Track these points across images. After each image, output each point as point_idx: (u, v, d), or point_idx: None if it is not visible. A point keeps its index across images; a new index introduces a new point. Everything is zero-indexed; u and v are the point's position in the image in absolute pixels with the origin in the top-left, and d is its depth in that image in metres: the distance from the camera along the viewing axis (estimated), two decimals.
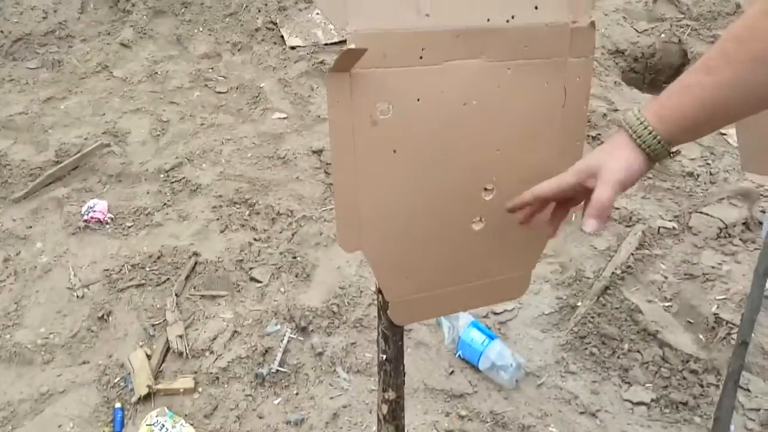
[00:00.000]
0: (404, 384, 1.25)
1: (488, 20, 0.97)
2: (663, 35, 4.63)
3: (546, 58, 1.01)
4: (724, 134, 3.53)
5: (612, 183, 0.85)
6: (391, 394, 1.23)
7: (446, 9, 0.95)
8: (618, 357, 2.31)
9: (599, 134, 3.51)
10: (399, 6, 0.93)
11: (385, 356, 1.18)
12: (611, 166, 0.86)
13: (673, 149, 0.86)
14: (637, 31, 4.67)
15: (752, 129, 1.41)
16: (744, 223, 2.88)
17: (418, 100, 0.96)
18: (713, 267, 2.65)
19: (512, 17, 0.98)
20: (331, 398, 2.19)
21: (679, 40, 4.57)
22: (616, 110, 3.77)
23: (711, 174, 3.21)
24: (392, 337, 1.16)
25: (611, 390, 2.20)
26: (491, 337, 2.27)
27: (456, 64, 0.97)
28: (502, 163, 1.04)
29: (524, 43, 0.99)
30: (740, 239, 2.81)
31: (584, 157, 0.91)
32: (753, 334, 2.22)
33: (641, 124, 0.85)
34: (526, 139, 1.04)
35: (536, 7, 0.99)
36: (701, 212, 2.95)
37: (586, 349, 2.35)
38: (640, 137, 0.84)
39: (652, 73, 4.61)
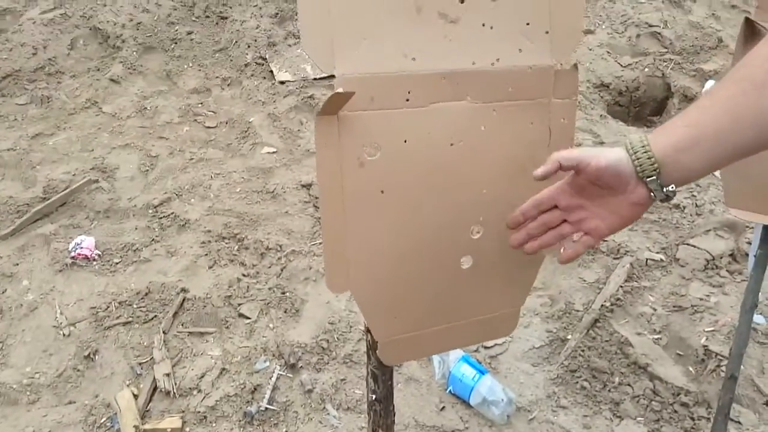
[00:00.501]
0: (394, 423, 1.24)
1: (473, 63, 0.99)
2: (647, 69, 4.71)
3: (530, 100, 1.03)
4: None
5: (590, 161, 0.86)
6: None
7: (432, 52, 0.97)
8: (609, 390, 2.30)
9: None
10: (385, 49, 0.94)
11: (374, 396, 1.18)
12: (600, 154, 0.86)
13: (670, 187, 0.85)
14: (621, 65, 4.75)
15: (735, 166, 1.43)
16: (731, 255, 2.90)
17: (405, 141, 0.97)
18: (701, 299, 2.66)
19: (497, 60, 1.00)
20: None
21: (663, 74, 4.65)
22: (602, 143, 3.82)
23: (697, 206, 3.25)
24: (381, 376, 1.15)
25: (603, 424, 2.19)
26: (482, 372, 2.26)
27: (442, 105, 0.98)
28: (489, 203, 1.05)
29: (509, 85, 1.01)
30: (727, 271, 2.83)
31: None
32: (742, 366, 2.23)
33: (640, 140, 0.85)
34: (512, 178, 1.05)
35: (520, 50, 1.01)
36: (688, 244, 2.97)
37: (577, 382, 2.34)
38: (632, 147, 0.85)
39: (636, 106, 4.68)
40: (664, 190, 0.85)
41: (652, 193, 0.85)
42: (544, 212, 0.95)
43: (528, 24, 1.01)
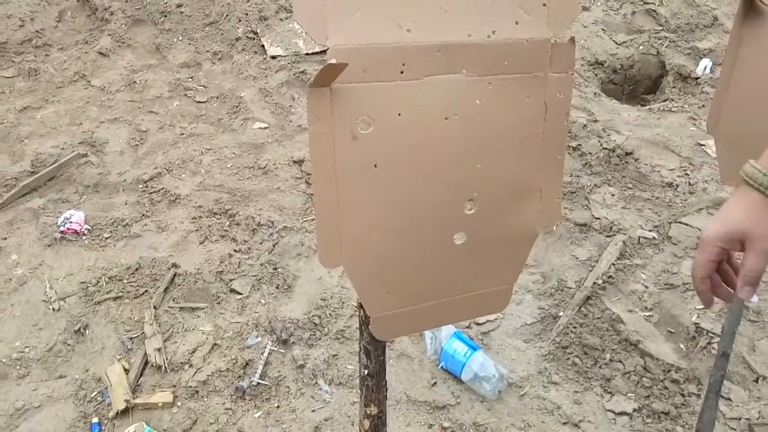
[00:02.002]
0: (386, 399, 1.23)
1: (469, 35, 0.97)
2: (641, 47, 4.67)
3: (526, 73, 1.01)
4: (703, 145, 3.57)
5: (763, 252, 0.88)
6: (373, 409, 1.22)
7: (427, 24, 0.95)
8: (600, 367, 2.31)
9: (579, 145, 3.53)
10: (379, 20, 0.92)
11: (366, 371, 1.17)
12: (759, 233, 0.88)
13: None
14: (616, 42, 4.71)
15: (731, 142, 1.42)
16: None
17: (399, 114, 0.95)
18: None
19: (493, 32, 0.98)
20: (313, 411, 2.17)
21: (658, 52, 4.62)
22: (596, 121, 3.80)
23: (690, 184, 3.24)
24: (374, 352, 1.15)
25: (593, 400, 2.20)
26: (474, 348, 2.27)
27: (437, 78, 0.97)
28: (484, 178, 1.03)
29: (505, 59, 0.99)
30: None
31: (719, 222, 0.93)
32: (734, 344, 2.24)
33: (765, 176, 0.88)
34: (507, 153, 1.04)
35: (517, 23, 0.99)
36: (681, 222, 2.97)
37: (569, 359, 2.35)
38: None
39: (630, 84, 4.66)
40: None
41: None
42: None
43: None
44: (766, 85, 1.38)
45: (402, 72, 0.94)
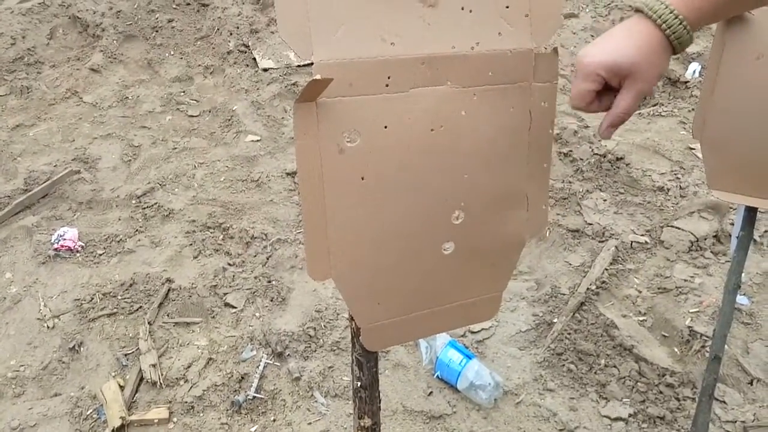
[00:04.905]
0: (380, 410, 1.24)
1: (453, 47, 0.98)
2: None
3: (511, 84, 1.02)
4: (693, 148, 3.60)
5: (639, 95, 0.84)
6: (367, 421, 1.22)
7: (411, 37, 0.96)
8: (595, 373, 2.31)
9: (571, 151, 3.55)
10: (363, 35, 0.93)
11: (359, 383, 1.17)
12: (643, 73, 0.83)
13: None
14: None
15: (717, 147, 1.43)
16: (715, 236, 2.93)
17: (386, 127, 0.96)
18: (686, 280, 2.68)
19: (477, 44, 0.99)
20: (309, 423, 2.17)
21: None
22: (586, 126, 3.82)
23: (681, 188, 3.26)
24: (366, 363, 1.15)
25: (589, 406, 2.20)
26: (469, 357, 2.27)
27: (422, 90, 0.97)
28: (471, 187, 1.04)
29: (489, 69, 1.00)
30: (711, 252, 2.85)
31: (607, 51, 0.85)
32: (727, 346, 2.25)
33: (666, 8, 0.81)
34: (494, 163, 1.05)
35: (500, 34, 1.00)
36: (672, 226, 2.99)
37: (564, 365, 2.35)
38: (666, 22, 0.81)
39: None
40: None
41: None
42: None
43: (507, 7, 1.00)
44: (751, 89, 1.39)
45: (387, 85, 0.95)
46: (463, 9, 0.98)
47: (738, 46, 1.41)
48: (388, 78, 0.95)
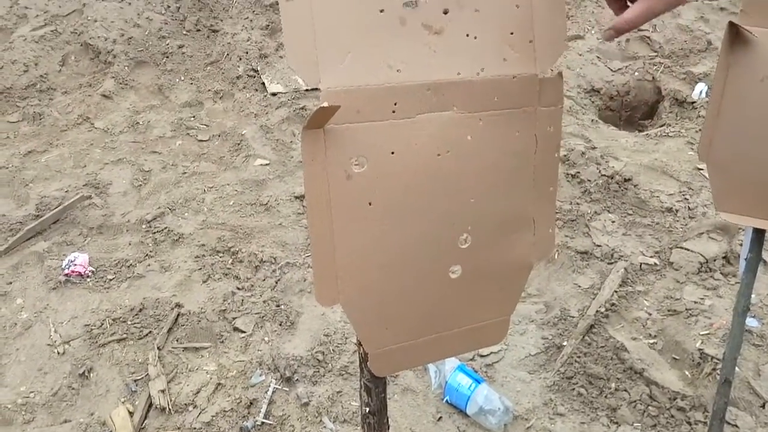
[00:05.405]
0: None
1: (459, 73, 0.99)
2: (637, 73, 4.72)
3: (516, 108, 1.03)
4: (701, 169, 3.59)
5: (647, 11, 0.91)
6: None
7: (417, 64, 0.97)
8: (605, 396, 2.29)
9: (578, 172, 3.55)
10: (370, 62, 0.95)
11: (368, 409, 1.17)
12: None
13: None
14: (611, 70, 4.76)
15: (724, 169, 1.44)
16: (724, 257, 2.91)
17: (393, 152, 0.97)
18: (696, 302, 2.66)
19: (482, 70, 1.00)
20: None
21: (653, 78, 4.67)
22: (594, 147, 3.82)
23: (689, 209, 3.25)
24: (375, 388, 1.15)
25: (600, 431, 2.18)
26: (478, 381, 2.26)
27: (428, 116, 0.99)
28: (477, 212, 1.05)
29: (494, 95, 1.01)
30: (721, 273, 2.84)
31: None
32: (738, 369, 2.23)
33: None
34: (500, 187, 1.05)
35: (505, 59, 1.01)
36: (682, 247, 2.98)
37: (574, 389, 2.33)
38: None
39: (627, 110, 4.70)
40: None
41: None
42: None
43: (512, 33, 1.01)
44: (756, 111, 1.40)
45: (394, 111, 0.96)
46: (468, 36, 1.00)
47: (743, 68, 1.41)
48: (395, 104, 0.96)
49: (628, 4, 0.99)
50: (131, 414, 2.27)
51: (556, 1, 1.04)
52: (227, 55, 4.87)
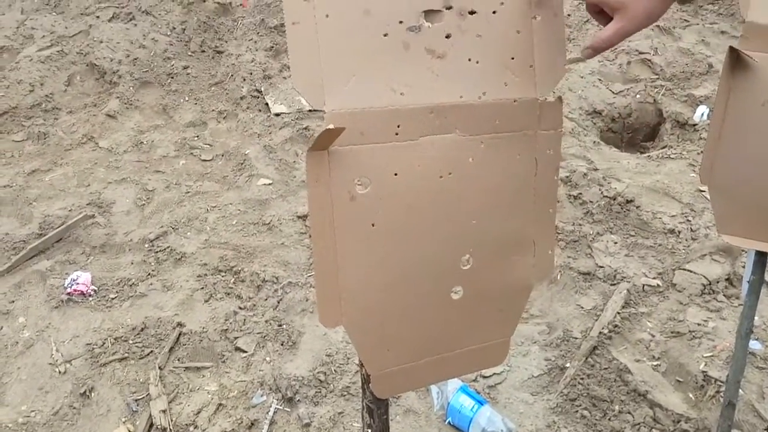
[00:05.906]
0: None
1: (461, 97, 1.01)
2: (638, 95, 4.75)
3: (517, 132, 1.04)
4: (703, 191, 3.60)
5: (621, 31, 0.91)
6: None
7: (420, 87, 0.99)
8: (609, 419, 2.28)
9: (580, 193, 3.56)
10: (374, 85, 0.96)
11: (370, 430, 1.17)
12: (629, 11, 0.89)
13: None
14: (612, 92, 4.79)
15: (726, 192, 1.44)
16: (727, 279, 2.91)
17: (396, 174, 0.98)
18: (699, 324, 2.65)
19: (483, 94, 1.02)
20: None
21: (654, 100, 4.69)
22: (596, 169, 3.83)
23: (692, 230, 3.25)
24: (377, 410, 1.15)
25: None
26: (481, 403, 2.25)
27: (431, 138, 1.00)
28: (479, 233, 1.05)
29: (496, 118, 1.03)
30: (724, 295, 2.83)
31: None
32: (742, 391, 2.22)
33: None
34: (501, 209, 1.06)
35: (506, 84, 1.03)
36: (684, 269, 2.98)
37: (577, 411, 2.32)
38: None
39: (629, 132, 4.72)
40: None
41: None
42: None
43: (513, 58, 1.03)
44: (757, 135, 1.41)
45: (397, 134, 0.98)
46: (470, 60, 1.01)
47: (744, 92, 1.43)
48: (398, 127, 0.97)
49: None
50: None
51: (555, 27, 1.06)
52: (231, 75, 4.91)
